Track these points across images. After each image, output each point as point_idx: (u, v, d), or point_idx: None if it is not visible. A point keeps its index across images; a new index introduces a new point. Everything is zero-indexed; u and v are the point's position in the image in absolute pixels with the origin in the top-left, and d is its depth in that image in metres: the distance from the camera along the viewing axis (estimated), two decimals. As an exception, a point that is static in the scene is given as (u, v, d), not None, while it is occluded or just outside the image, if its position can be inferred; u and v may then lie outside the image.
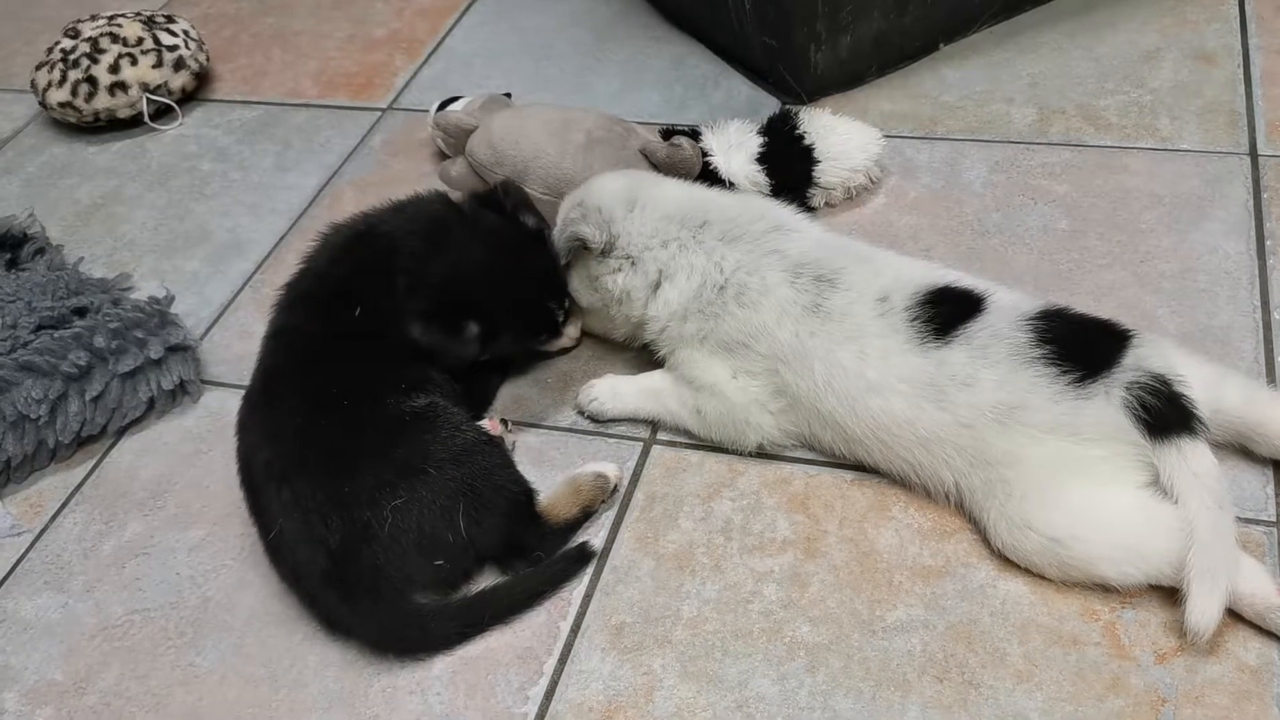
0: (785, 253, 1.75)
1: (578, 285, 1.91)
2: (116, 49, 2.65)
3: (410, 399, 1.70)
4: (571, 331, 1.96)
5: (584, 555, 1.69)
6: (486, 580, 1.68)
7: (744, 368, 1.75)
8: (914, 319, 1.65)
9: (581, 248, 1.84)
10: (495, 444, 1.72)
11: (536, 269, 1.85)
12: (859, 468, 1.76)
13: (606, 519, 1.76)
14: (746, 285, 1.74)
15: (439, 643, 1.62)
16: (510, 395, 1.98)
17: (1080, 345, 1.59)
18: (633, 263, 1.82)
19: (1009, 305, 1.65)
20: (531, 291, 1.85)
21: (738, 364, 1.76)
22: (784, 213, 1.87)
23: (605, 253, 1.83)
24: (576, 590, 1.67)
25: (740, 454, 1.81)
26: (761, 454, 1.81)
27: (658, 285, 1.81)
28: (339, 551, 1.58)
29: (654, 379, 1.88)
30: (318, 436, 1.65)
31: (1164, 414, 1.51)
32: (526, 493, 1.71)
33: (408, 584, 1.60)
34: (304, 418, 1.67)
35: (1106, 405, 1.53)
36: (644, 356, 1.92)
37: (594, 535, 1.73)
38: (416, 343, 1.73)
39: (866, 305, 1.68)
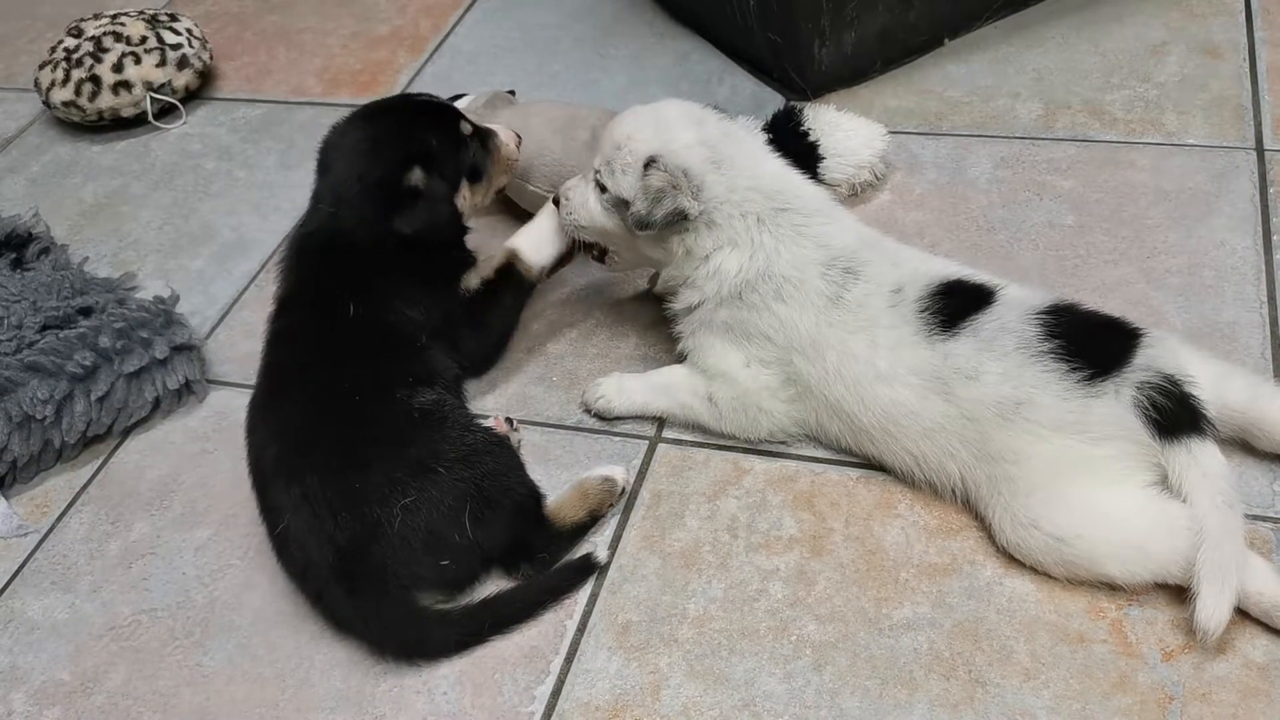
0: (830, 247, 1.74)
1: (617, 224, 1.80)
2: (120, 48, 2.65)
3: (418, 394, 1.71)
4: (504, 134, 1.99)
5: (587, 567, 1.68)
6: (492, 584, 1.69)
7: (757, 356, 1.75)
8: (923, 310, 1.65)
9: (680, 219, 1.73)
10: (504, 445, 1.72)
11: (429, 108, 1.93)
12: (865, 465, 1.76)
13: (613, 517, 1.76)
14: (787, 280, 1.71)
15: (438, 649, 1.62)
16: (516, 393, 1.98)
17: (1090, 342, 1.58)
18: (708, 225, 1.74)
19: (1019, 299, 1.64)
20: (436, 121, 1.90)
21: (752, 352, 1.76)
22: (836, 206, 1.84)
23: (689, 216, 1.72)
24: (583, 589, 1.67)
25: (746, 451, 1.81)
26: (767, 451, 1.81)
27: (720, 249, 1.74)
28: (347, 548, 1.58)
29: (663, 374, 1.88)
30: (326, 432, 1.65)
31: (1174, 414, 1.51)
32: (534, 496, 1.71)
33: (415, 582, 1.60)
34: (312, 412, 1.67)
35: (1116, 404, 1.53)
36: (650, 355, 1.91)
37: (600, 534, 1.73)
38: (404, 237, 1.79)
39: (881, 296, 1.68)
